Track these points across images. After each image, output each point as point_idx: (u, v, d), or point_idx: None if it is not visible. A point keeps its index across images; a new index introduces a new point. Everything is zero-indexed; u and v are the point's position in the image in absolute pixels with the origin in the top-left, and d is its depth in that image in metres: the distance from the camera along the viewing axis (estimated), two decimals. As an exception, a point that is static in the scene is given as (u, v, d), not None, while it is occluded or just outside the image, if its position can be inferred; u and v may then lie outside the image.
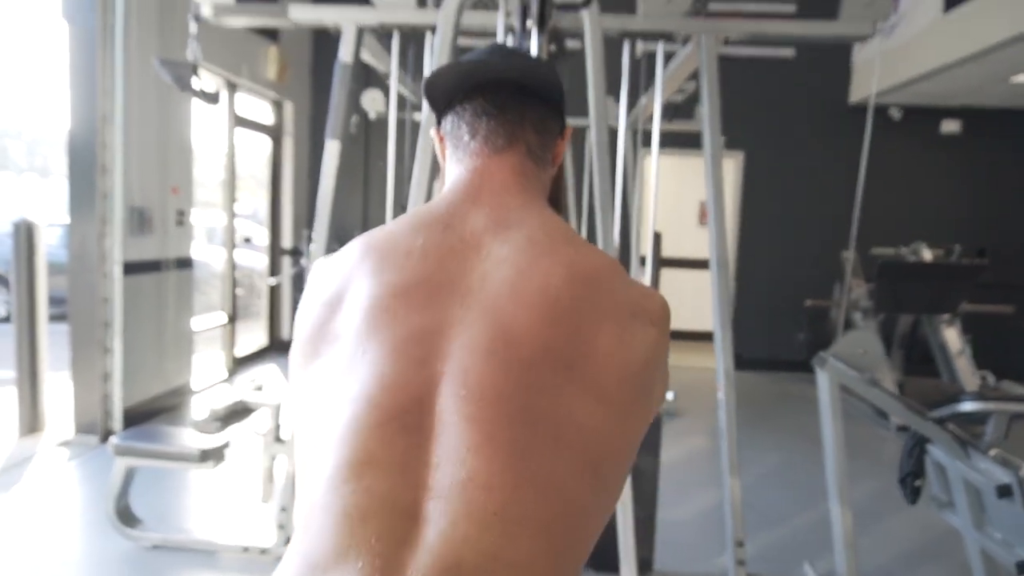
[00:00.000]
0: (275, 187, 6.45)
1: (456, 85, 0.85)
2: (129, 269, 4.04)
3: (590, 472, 0.65)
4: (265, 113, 6.21)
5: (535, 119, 0.86)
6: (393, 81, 2.65)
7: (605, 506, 0.68)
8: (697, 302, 5.68)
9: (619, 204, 2.64)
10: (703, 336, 4.45)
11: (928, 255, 5.38)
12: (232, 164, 5.52)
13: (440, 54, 2.20)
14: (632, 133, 4.79)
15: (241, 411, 3.12)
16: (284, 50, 5.88)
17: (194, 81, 2.72)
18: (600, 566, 2.37)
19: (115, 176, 3.90)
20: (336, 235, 2.54)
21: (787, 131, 6.51)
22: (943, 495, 2.24)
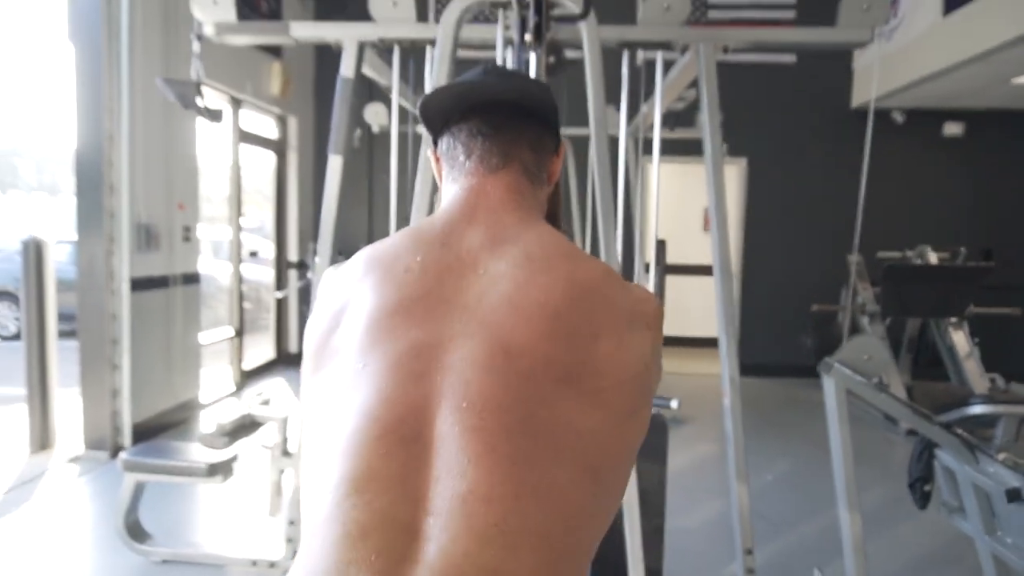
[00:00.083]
0: (280, 201, 6.49)
1: (451, 106, 0.86)
2: (137, 285, 4.07)
3: (590, 477, 0.65)
4: (269, 128, 6.26)
5: (530, 138, 0.86)
6: (395, 94, 2.67)
7: (607, 509, 0.69)
8: (703, 308, 5.67)
9: (621, 212, 2.64)
10: (709, 342, 4.44)
11: (934, 258, 5.35)
12: (237, 179, 5.56)
13: (440, 67, 2.22)
14: (634, 141, 4.80)
15: (249, 425, 3.14)
16: (287, 66, 5.93)
17: (198, 99, 2.74)
18: (609, 576, 2.35)
19: (122, 194, 3.94)
20: (341, 248, 2.56)
21: (790, 137, 6.51)
22: (953, 500, 2.22)
